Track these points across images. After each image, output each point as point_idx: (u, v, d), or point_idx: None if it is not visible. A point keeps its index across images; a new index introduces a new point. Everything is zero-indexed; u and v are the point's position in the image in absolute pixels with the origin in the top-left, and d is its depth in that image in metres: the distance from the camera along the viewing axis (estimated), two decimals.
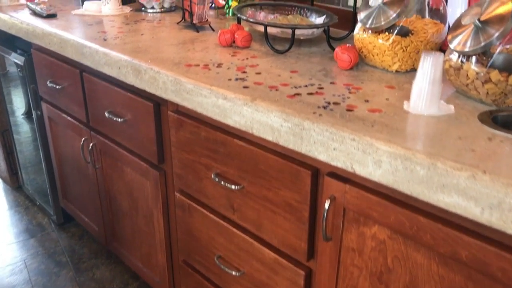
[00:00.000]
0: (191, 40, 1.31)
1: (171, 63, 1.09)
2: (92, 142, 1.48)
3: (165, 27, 1.48)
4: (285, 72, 1.04)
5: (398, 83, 0.96)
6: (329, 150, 0.75)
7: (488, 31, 0.78)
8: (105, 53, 1.20)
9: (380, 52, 1.01)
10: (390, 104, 0.84)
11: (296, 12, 1.40)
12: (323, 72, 1.03)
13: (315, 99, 0.87)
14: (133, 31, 1.41)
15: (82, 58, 1.30)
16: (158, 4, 1.71)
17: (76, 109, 1.51)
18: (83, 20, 1.57)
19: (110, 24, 1.51)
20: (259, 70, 1.05)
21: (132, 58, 1.13)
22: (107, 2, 1.67)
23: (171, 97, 1.04)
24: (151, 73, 1.07)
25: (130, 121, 1.26)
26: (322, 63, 1.10)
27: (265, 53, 1.19)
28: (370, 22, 1.01)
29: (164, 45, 1.25)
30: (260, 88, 0.93)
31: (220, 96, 0.92)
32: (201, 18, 1.43)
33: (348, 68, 1.04)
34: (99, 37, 1.33)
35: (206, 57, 1.14)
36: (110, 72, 1.21)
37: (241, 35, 1.22)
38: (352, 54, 1.03)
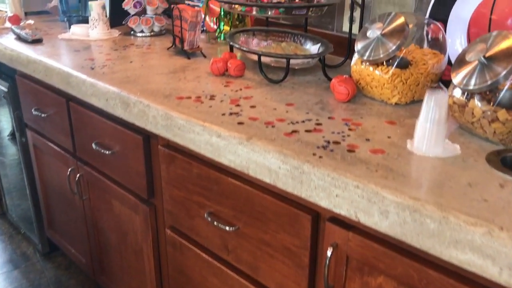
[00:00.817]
0: (182, 68, 1.26)
1: (162, 95, 1.04)
2: (79, 173, 1.42)
3: (155, 53, 1.43)
4: (281, 105, 0.99)
5: (398, 118, 0.92)
6: (331, 197, 0.70)
7: (494, 68, 0.75)
8: (92, 84, 1.15)
9: (379, 84, 0.97)
10: (392, 143, 0.80)
11: (290, 39, 1.37)
12: (320, 105, 0.99)
13: (313, 137, 0.83)
14: (121, 58, 1.37)
15: (68, 87, 1.25)
16: (148, 28, 1.67)
17: (62, 138, 1.45)
18: (70, 45, 1.52)
19: (98, 50, 1.47)
20: (253, 102, 1.01)
21: (120, 89, 1.08)
22: (95, 26, 1.62)
23: (162, 132, 0.99)
24: (140, 106, 1.03)
25: (119, 154, 1.21)
26: (319, 94, 1.07)
27: (259, 83, 1.15)
28: (368, 54, 0.98)
29: (154, 74, 1.21)
30: (256, 124, 0.88)
31: (213, 133, 0.87)
32: (192, 44, 1.39)
33: (345, 100, 1.01)
34: (86, 65, 1.28)
35: (198, 88, 1.10)
36: (97, 104, 1.16)
37: (234, 64, 1.18)
38: (349, 87, 0.99)
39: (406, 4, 1.18)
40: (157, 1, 1.66)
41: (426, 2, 1.14)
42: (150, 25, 1.66)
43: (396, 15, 0.96)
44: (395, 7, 1.21)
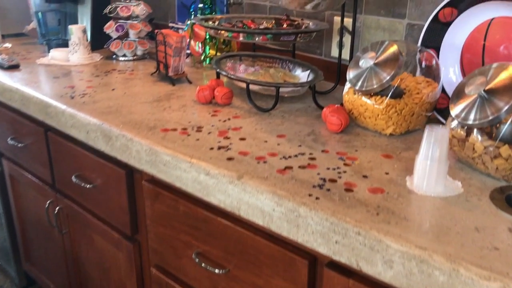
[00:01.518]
0: (167, 96, 1.21)
1: (146, 128, 0.99)
2: (58, 206, 1.35)
3: (138, 79, 1.38)
4: (272, 136, 0.95)
5: (394, 151, 0.88)
6: (330, 243, 0.66)
7: (496, 103, 0.72)
8: (72, 115, 1.10)
9: (373, 115, 0.94)
10: (391, 180, 0.76)
11: (278, 64, 1.33)
12: (312, 137, 0.95)
13: (308, 174, 0.78)
14: (103, 85, 1.31)
15: (46, 118, 1.19)
16: (130, 52, 1.61)
17: (40, 169, 1.38)
18: (48, 71, 1.46)
19: (78, 76, 1.41)
20: (243, 134, 0.96)
21: (101, 121, 1.03)
22: (75, 51, 1.57)
23: (146, 168, 0.94)
24: (123, 140, 0.97)
25: (100, 188, 1.15)
26: (310, 123, 1.03)
27: (248, 112, 1.11)
28: (360, 84, 0.94)
29: (138, 103, 1.15)
30: (246, 160, 0.84)
31: (201, 170, 0.82)
32: (177, 70, 1.35)
33: (338, 131, 0.97)
34: (66, 93, 1.22)
35: (184, 118, 1.05)
36: (77, 136, 1.10)
37: (221, 92, 1.14)
38: (342, 117, 0.96)
39: (396, 30, 1.16)
40: (140, 25, 1.61)
41: (417, 29, 1.12)
42: (133, 49, 1.61)
43: (389, 43, 0.94)
44: (385, 33, 1.19)
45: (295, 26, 1.23)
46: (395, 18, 1.15)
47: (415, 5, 1.10)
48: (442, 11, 0.98)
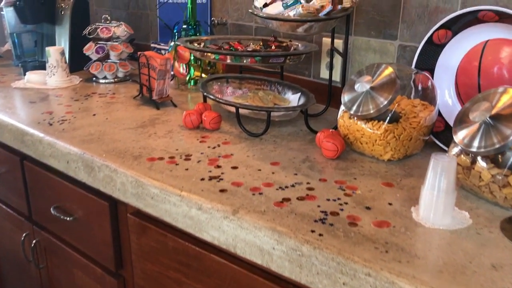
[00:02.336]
0: (151, 121, 1.16)
1: (130, 157, 0.93)
2: (35, 239, 1.27)
3: (120, 103, 1.32)
4: (265, 164, 0.90)
5: (394, 178, 0.85)
6: (337, 285, 0.61)
7: (502, 130, 0.69)
8: (51, 144, 1.03)
9: (370, 141, 0.90)
10: (395, 212, 0.72)
11: (266, 86, 1.29)
12: (308, 164, 0.91)
13: (308, 207, 0.73)
14: (83, 110, 1.25)
15: (23, 147, 1.12)
16: (111, 74, 1.56)
17: (15, 200, 1.30)
18: (24, 96, 1.39)
19: (56, 100, 1.34)
20: (235, 162, 0.91)
21: (83, 151, 0.96)
22: (53, 74, 1.50)
23: (132, 201, 0.87)
24: (106, 171, 0.91)
25: (82, 220, 1.08)
26: (304, 149, 0.98)
27: (238, 136, 1.06)
28: (356, 108, 0.91)
29: (121, 129, 1.10)
30: (241, 192, 0.79)
31: (193, 205, 0.77)
32: (161, 94, 1.29)
33: (334, 157, 0.93)
34: (43, 120, 1.15)
35: (171, 146, 0.99)
36: (57, 166, 1.03)
37: (209, 117, 1.09)
38: (338, 143, 0.92)
39: (387, 52, 1.13)
40: (121, 46, 1.56)
41: (409, 50, 1.09)
42: (114, 71, 1.55)
43: (384, 66, 0.91)
44: (376, 55, 1.16)
45: (284, 48, 1.20)
46: (386, 39, 1.13)
47: (407, 26, 1.08)
48: (437, 33, 0.96)
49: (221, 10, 1.60)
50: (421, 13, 1.05)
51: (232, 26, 1.57)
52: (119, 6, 2.03)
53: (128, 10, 1.99)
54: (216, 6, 1.61)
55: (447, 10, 1.01)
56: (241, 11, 1.52)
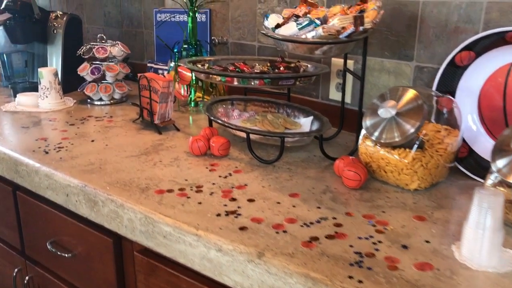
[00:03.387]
0: (155, 148, 1.09)
1: (137, 189, 0.86)
2: (28, 275, 1.18)
3: (119, 127, 1.25)
4: (284, 196, 0.84)
5: (425, 211, 0.79)
6: None
7: None
8: (48, 175, 0.95)
9: (396, 169, 0.85)
10: (435, 251, 0.66)
11: (274, 108, 1.24)
12: (330, 195, 0.85)
13: (339, 246, 0.67)
14: (80, 135, 1.17)
15: (16, 177, 1.04)
16: (107, 95, 1.48)
17: (7, 233, 1.21)
18: (16, 120, 1.31)
19: (51, 125, 1.26)
20: (250, 194, 0.85)
21: (84, 183, 0.89)
22: (45, 96, 1.42)
23: (141, 239, 0.80)
24: (111, 206, 0.84)
25: (81, 257, 0.99)
26: (321, 178, 0.92)
27: (249, 164, 0.99)
28: (378, 134, 0.86)
29: (123, 157, 1.02)
30: (262, 229, 0.72)
31: (211, 245, 0.70)
32: (163, 117, 1.23)
33: (357, 187, 0.87)
34: (38, 148, 1.08)
35: (179, 175, 0.92)
36: (55, 199, 0.95)
37: (218, 143, 1.03)
38: (361, 172, 0.86)
39: (403, 73, 1.09)
40: (117, 67, 1.49)
41: (427, 71, 1.05)
42: (110, 92, 1.48)
43: (409, 90, 0.86)
44: (390, 76, 1.12)
45: (293, 69, 1.14)
46: (402, 60, 1.08)
47: (424, 46, 1.04)
48: (459, 54, 0.92)
49: (221, 29, 1.54)
50: (439, 33, 1.01)
51: (233, 45, 1.51)
52: (112, 24, 1.97)
53: (122, 28, 1.93)
54: (216, 25, 1.56)
55: (468, 30, 0.97)
56: (242, 30, 1.47)
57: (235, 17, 1.49)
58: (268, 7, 1.37)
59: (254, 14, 1.42)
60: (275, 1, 1.35)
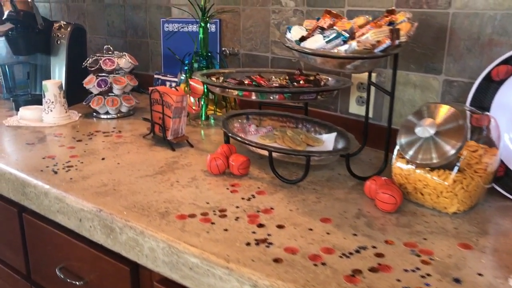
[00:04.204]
0: (169, 166, 1.03)
1: (156, 214, 0.80)
2: None
3: (129, 143, 1.19)
4: (315, 221, 0.78)
5: (468, 237, 0.74)
6: None
7: None
8: (59, 198, 0.89)
9: (435, 192, 0.79)
10: (491, 286, 0.61)
11: (291, 123, 1.18)
12: (363, 220, 0.79)
13: (386, 282, 0.62)
14: (89, 153, 1.11)
15: (23, 199, 0.97)
16: (114, 109, 1.42)
17: (11, 257, 1.14)
18: (20, 136, 1.24)
19: (57, 141, 1.20)
20: (279, 219, 0.79)
21: (99, 207, 0.83)
22: (50, 110, 1.36)
23: (164, 270, 0.74)
24: (130, 233, 0.78)
25: (94, 285, 0.93)
26: (351, 200, 0.87)
27: (271, 183, 0.94)
28: (413, 153, 0.80)
29: (137, 177, 0.96)
30: (298, 261, 0.66)
31: (245, 280, 0.64)
32: (177, 133, 1.17)
33: (391, 211, 0.82)
34: (46, 167, 1.01)
35: (199, 198, 0.87)
36: (66, 223, 0.89)
37: (237, 161, 0.97)
38: (397, 195, 0.80)
39: (430, 87, 1.04)
40: (125, 79, 1.43)
41: (457, 86, 1.00)
42: (117, 105, 1.42)
43: (446, 107, 0.81)
44: (416, 90, 1.07)
45: (314, 83, 1.09)
46: (429, 73, 1.04)
47: (453, 60, 0.99)
48: (496, 68, 0.87)
49: (232, 40, 1.49)
50: (471, 46, 0.96)
51: (245, 56, 1.46)
52: (115, 33, 1.91)
53: (126, 38, 1.88)
54: (226, 35, 1.51)
55: (503, 43, 0.92)
56: (255, 41, 1.42)
57: (247, 28, 1.44)
58: (282, 17, 1.32)
59: (268, 25, 1.37)
60: (290, 12, 1.30)
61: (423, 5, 1.01)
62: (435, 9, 0.99)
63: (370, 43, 0.77)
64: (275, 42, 1.36)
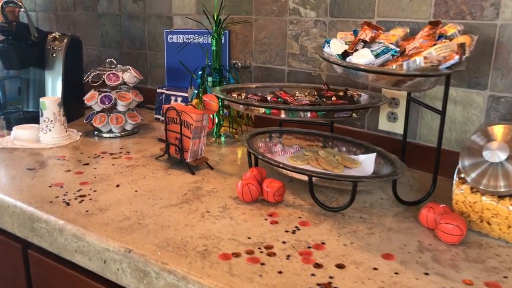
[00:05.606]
0: (193, 193, 0.93)
1: (195, 253, 0.70)
2: None
3: (142, 166, 1.08)
4: (376, 258, 0.70)
5: None
6: None
7: None
8: (77, 236, 0.78)
9: (505, 222, 0.72)
10: None
11: (318, 141, 1.10)
12: (429, 254, 0.71)
13: None
14: (101, 179, 1.00)
15: (32, 236, 0.86)
16: (119, 127, 1.31)
17: None
18: (18, 159, 1.12)
19: (61, 165, 1.08)
20: (335, 256, 0.70)
21: (127, 247, 0.72)
22: (49, 129, 1.24)
23: None
24: (169, 278, 0.67)
25: None
26: (406, 230, 0.79)
27: (312, 211, 0.85)
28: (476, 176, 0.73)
29: (161, 207, 0.86)
30: None
31: None
32: (196, 155, 1.07)
33: (457, 243, 0.74)
34: (56, 197, 0.90)
35: (238, 231, 0.77)
36: (87, 265, 0.78)
37: (273, 187, 0.88)
38: (462, 225, 0.73)
39: (473, 103, 0.97)
40: (130, 95, 1.32)
41: (504, 102, 0.94)
42: (122, 123, 1.31)
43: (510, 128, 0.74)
44: (456, 106, 1.00)
45: (348, 99, 1.02)
46: (472, 89, 0.97)
47: (501, 74, 0.93)
48: None
49: (242, 52, 1.41)
50: None
51: (257, 69, 1.38)
52: (110, 44, 1.80)
53: (122, 50, 1.77)
54: (236, 47, 1.42)
55: None
56: (269, 53, 1.34)
57: (260, 39, 1.35)
58: (301, 28, 1.25)
59: (284, 36, 1.29)
60: (310, 23, 1.22)
61: (466, 16, 0.95)
62: (481, 20, 0.93)
63: (438, 60, 0.69)
64: (293, 55, 1.28)
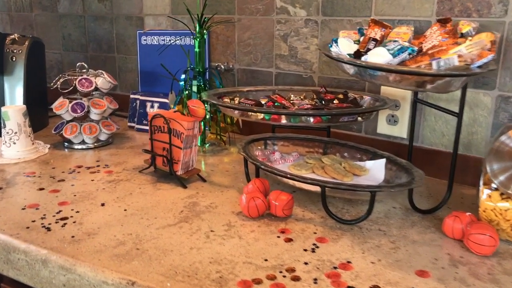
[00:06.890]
0: (190, 209, 0.84)
1: (209, 281, 0.61)
2: None
3: (126, 181, 0.97)
4: (411, 277, 0.64)
5: None
6: None
7: None
8: (65, 268, 0.66)
9: None
10: None
11: (318, 148, 1.03)
12: (463, 268, 0.66)
13: None
14: (82, 197, 0.88)
15: (7, 269, 0.73)
16: (92, 137, 1.19)
17: None
18: None
19: (31, 183, 0.95)
20: (365, 276, 0.63)
21: (129, 278, 0.62)
22: (12, 142, 1.10)
23: None
24: None
25: None
26: (432, 242, 0.73)
27: (325, 225, 0.78)
28: (505, 180, 0.69)
29: (158, 228, 0.76)
30: None
31: None
32: (187, 166, 0.97)
33: (490, 254, 0.69)
34: (32, 221, 0.78)
35: (252, 253, 0.69)
36: None
37: (281, 201, 0.80)
38: (494, 235, 0.68)
39: (480, 103, 0.94)
40: (104, 102, 1.20)
41: None
42: (96, 134, 1.19)
43: None
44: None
45: (352, 102, 0.96)
46: (479, 89, 0.94)
47: (510, 73, 0.90)
48: None
49: (224, 54, 1.32)
50: None
51: (241, 72, 1.30)
52: (73, 48, 1.66)
53: (87, 53, 1.63)
54: (217, 49, 1.33)
55: None
56: (254, 55, 1.26)
57: (244, 40, 1.27)
58: (290, 28, 1.18)
59: (271, 36, 1.22)
60: (300, 22, 1.16)
61: (472, 14, 0.91)
62: (488, 17, 0.90)
63: (470, 58, 0.64)
64: (281, 56, 1.21)
